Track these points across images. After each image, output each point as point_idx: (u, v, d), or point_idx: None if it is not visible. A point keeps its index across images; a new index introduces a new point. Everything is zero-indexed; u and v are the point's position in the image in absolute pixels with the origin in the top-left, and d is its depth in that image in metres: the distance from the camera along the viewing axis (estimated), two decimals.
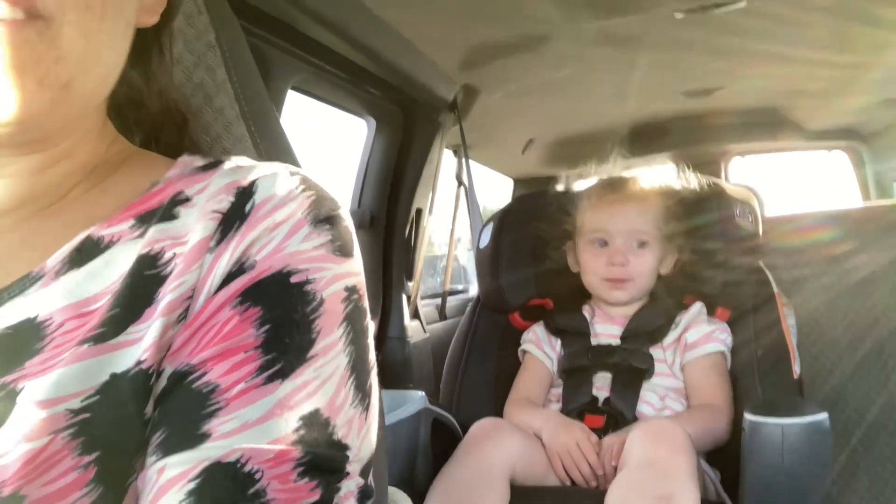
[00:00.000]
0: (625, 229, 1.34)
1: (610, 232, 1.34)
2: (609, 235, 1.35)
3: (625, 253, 1.33)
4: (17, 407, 0.36)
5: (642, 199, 1.36)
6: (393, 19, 1.34)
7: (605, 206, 1.37)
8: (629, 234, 1.34)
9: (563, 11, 1.42)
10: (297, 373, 0.38)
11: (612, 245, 1.34)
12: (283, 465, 0.36)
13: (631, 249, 1.33)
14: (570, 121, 2.35)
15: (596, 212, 1.38)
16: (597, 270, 1.36)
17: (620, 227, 1.34)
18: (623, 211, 1.35)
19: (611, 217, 1.35)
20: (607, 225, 1.35)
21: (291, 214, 0.42)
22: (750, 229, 1.38)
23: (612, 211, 1.36)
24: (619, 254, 1.33)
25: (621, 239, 1.33)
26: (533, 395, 1.37)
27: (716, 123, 2.49)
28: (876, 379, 1.53)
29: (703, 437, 1.18)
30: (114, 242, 0.42)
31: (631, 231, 1.34)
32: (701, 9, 1.46)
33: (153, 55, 0.53)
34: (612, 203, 1.37)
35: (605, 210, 1.36)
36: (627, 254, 1.33)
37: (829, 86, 2.08)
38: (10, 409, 0.36)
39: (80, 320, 0.39)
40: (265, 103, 0.69)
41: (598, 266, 1.35)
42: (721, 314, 1.37)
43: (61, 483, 0.35)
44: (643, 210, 1.35)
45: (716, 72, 2.04)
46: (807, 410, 1.03)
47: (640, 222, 1.34)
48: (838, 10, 1.50)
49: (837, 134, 2.56)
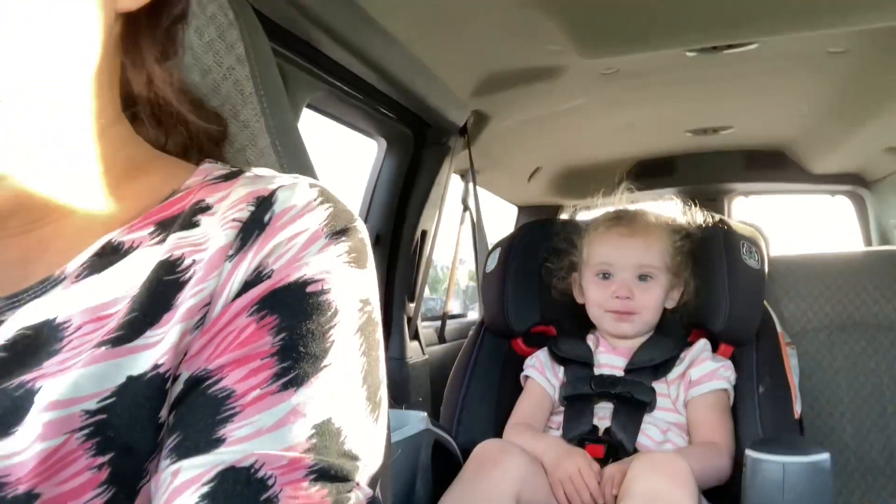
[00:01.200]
0: (630, 263, 1.34)
1: (615, 265, 1.35)
2: (614, 268, 1.35)
3: (630, 286, 1.33)
4: (34, 406, 0.36)
5: (649, 233, 1.37)
6: (409, 43, 1.36)
7: (611, 238, 1.38)
8: (635, 267, 1.34)
9: (577, 45, 1.44)
10: (311, 381, 0.39)
11: (617, 278, 1.34)
12: (296, 472, 0.37)
13: (636, 283, 1.34)
14: (577, 152, 2.37)
15: (602, 244, 1.38)
16: (601, 303, 1.36)
17: (626, 261, 1.34)
18: (629, 244, 1.35)
19: (616, 250, 1.36)
20: (613, 258, 1.35)
21: (309, 225, 0.42)
22: (755, 268, 1.38)
23: (618, 244, 1.36)
24: (625, 287, 1.33)
25: (627, 272, 1.34)
26: (533, 420, 1.37)
27: (721, 162, 2.51)
28: (875, 423, 1.53)
29: (704, 474, 1.17)
30: (134, 248, 0.43)
31: (637, 265, 1.34)
32: (713, 49, 1.49)
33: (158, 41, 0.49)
34: (618, 236, 1.37)
35: (611, 243, 1.37)
36: (633, 287, 1.33)
37: (835, 130, 2.11)
38: (28, 408, 0.36)
39: (98, 323, 0.40)
40: (289, 118, 0.70)
41: (602, 298, 1.36)
42: (724, 350, 1.37)
43: (75, 483, 0.36)
44: (649, 244, 1.35)
45: (724, 111, 2.07)
46: (809, 450, 1.02)
47: (646, 256, 1.34)
48: (848, 56, 1.52)
49: (841, 179, 2.59)
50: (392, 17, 1.25)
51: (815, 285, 1.66)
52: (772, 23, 1.37)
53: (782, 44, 1.47)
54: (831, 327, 1.63)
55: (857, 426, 1.55)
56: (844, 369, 1.59)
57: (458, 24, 1.33)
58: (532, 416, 1.37)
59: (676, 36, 1.44)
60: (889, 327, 1.59)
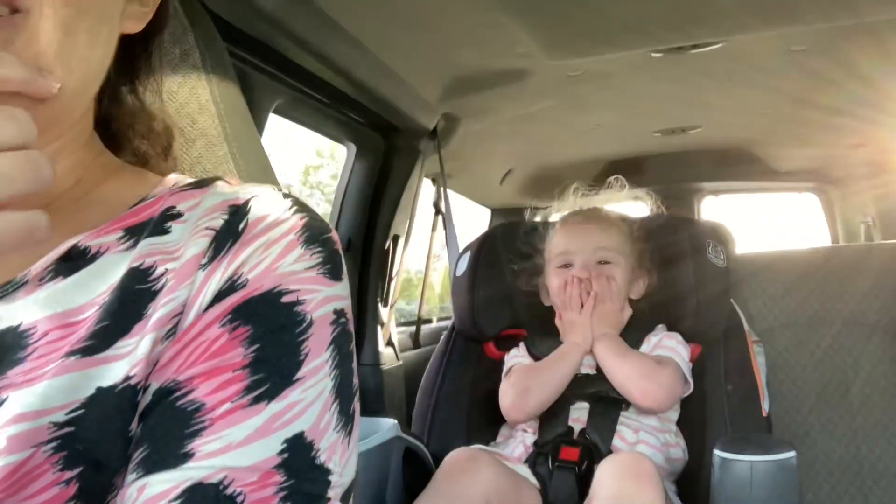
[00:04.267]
0: (588, 246, 1.37)
1: (574, 251, 1.38)
2: (573, 255, 1.38)
3: (589, 268, 1.35)
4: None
5: (603, 221, 1.41)
6: (376, 47, 1.35)
7: (568, 228, 1.42)
8: (593, 250, 1.37)
9: (543, 47, 1.45)
10: (283, 394, 0.38)
11: (576, 264, 1.36)
12: (266, 490, 0.36)
13: (595, 266, 1.36)
14: (548, 153, 2.38)
15: (561, 237, 1.42)
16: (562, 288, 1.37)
17: (584, 245, 1.37)
18: (585, 230, 1.40)
19: (574, 237, 1.40)
20: (571, 245, 1.39)
21: (284, 235, 0.42)
22: (721, 266, 1.40)
23: (575, 231, 1.41)
24: (584, 269, 1.35)
25: (586, 255, 1.36)
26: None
27: (690, 162, 2.54)
28: (842, 419, 1.55)
29: (638, 369, 1.26)
30: (101, 253, 0.42)
31: (594, 247, 1.37)
32: (678, 49, 1.50)
33: (140, 66, 0.53)
34: (574, 224, 1.42)
35: (568, 232, 1.41)
36: (592, 269, 1.35)
37: (801, 129, 2.14)
38: None
39: (65, 330, 0.39)
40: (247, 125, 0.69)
41: (562, 284, 1.37)
42: (692, 350, 1.38)
43: (42, 498, 0.35)
44: (604, 228, 1.39)
45: (691, 111, 2.08)
46: (776, 448, 1.03)
47: (602, 239, 1.37)
48: (812, 56, 1.54)
49: (808, 176, 2.63)
50: (357, 21, 1.24)
51: (781, 282, 1.68)
52: (735, 22, 1.38)
53: (746, 43, 1.48)
54: (798, 324, 1.64)
55: (825, 423, 1.57)
56: (811, 366, 1.61)
57: (424, 27, 1.33)
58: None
59: (641, 37, 1.45)
60: (854, 323, 1.61)
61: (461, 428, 1.43)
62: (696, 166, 2.52)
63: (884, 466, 1.52)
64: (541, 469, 1.26)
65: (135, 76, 0.53)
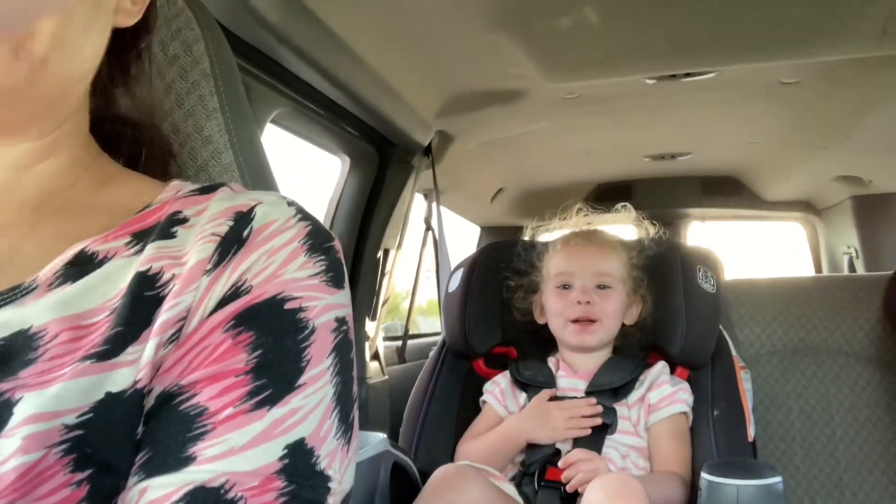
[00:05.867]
0: (589, 270, 1.37)
1: (574, 273, 1.38)
2: (574, 277, 1.38)
3: (589, 292, 1.35)
4: (13, 417, 0.35)
5: (604, 245, 1.41)
6: (375, 63, 1.36)
7: (569, 250, 1.42)
8: (593, 275, 1.37)
9: (540, 69, 1.47)
10: (285, 400, 0.38)
11: (577, 286, 1.37)
12: (267, 495, 0.36)
13: (595, 290, 1.36)
14: (539, 174, 2.40)
15: (561, 257, 1.42)
16: (562, 311, 1.37)
17: (584, 269, 1.37)
18: (587, 253, 1.39)
19: (575, 259, 1.39)
20: (572, 267, 1.39)
21: (289, 242, 0.42)
22: (711, 292, 1.41)
23: (576, 254, 1.40)
24: (585, 293, 1.35)
25: (586, 279, 1.37)
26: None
27: (678, 187, 2.57)
28: (825, 447, 1.57)
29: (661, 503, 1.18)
30: (109, 258, 0.42)
31: (595, 272, 1.37)
32: (671, 77, 1.52)
33: (131, 61, 0.53)
34: (575, 247, 1.42)
35: (569, 254, 1.41)
36: (592, 293, 1.35)
37: (787, 159, 2.18)
38: (7, 420, 0.35)
39: (76, 332, 0.39)
40: (253, 134, 0.69)
41: (563, 306, 1.37)
42: (680, 374, 1.39)
43: (53, 499, 0.35)
44: (606, 254, 1.39)
45: (681, 137, 2.12)
46: (762, 473, 1.04)
47: (603, 264, 1.37)
48: (800, 87, 1.57)
49: (794, 206, 2.66)
50: (359, 36, 1.25)
51: (768, 310, 1.70)
52: (728, 53, 1.41)
53: (738, 73, 1.51)
54: (784, 352, 1.66)
55: (808, 450, 1.58)
56: (795, 393, 1.63)
57: (424, 45, 1.34)
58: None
59: (636, 63, 1.47)
60: (837, 352, 1.64)
61: (449, 444, 1.42)
62: (684, 192, 2.55)
63: (864, 495, 1.54)
64: (526, 489, 1.26)
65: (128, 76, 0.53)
